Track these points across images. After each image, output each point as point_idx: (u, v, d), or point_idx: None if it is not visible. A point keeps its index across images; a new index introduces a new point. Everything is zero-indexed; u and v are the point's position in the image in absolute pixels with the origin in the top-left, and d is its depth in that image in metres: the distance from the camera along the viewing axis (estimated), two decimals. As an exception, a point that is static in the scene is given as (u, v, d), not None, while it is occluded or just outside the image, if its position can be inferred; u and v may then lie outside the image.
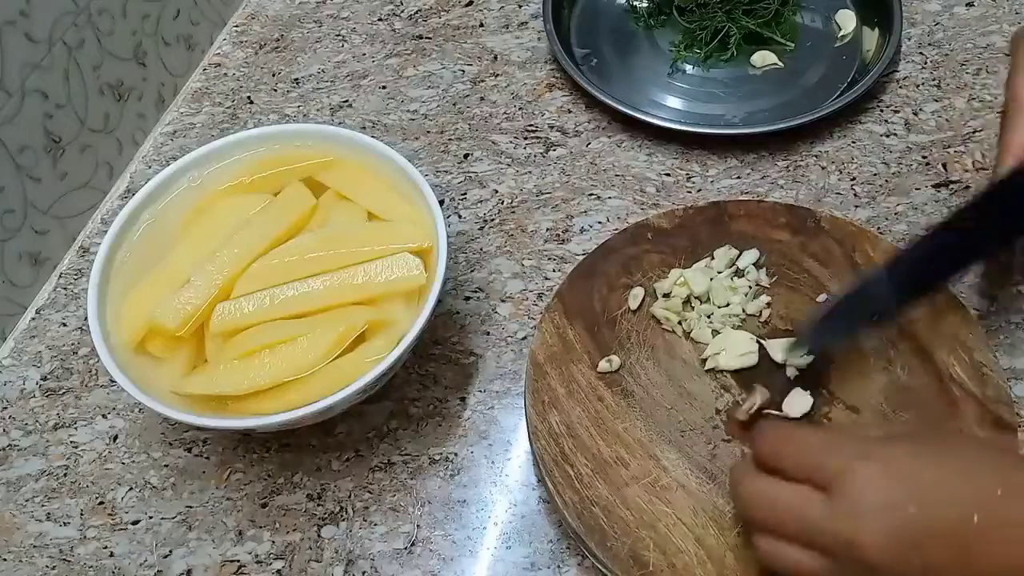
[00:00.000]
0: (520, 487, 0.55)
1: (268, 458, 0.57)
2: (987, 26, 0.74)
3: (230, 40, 0.81)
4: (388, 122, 0.73)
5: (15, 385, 0.62)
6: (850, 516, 0.38)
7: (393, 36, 0.79)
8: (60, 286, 0.66)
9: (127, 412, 0.60)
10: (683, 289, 0.57)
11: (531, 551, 0.53)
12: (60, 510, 0.56)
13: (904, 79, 0.72)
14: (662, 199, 0.66)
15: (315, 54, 0.79)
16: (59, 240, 0.67)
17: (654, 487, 0.51)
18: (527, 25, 0.79)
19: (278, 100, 0.76)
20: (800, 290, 0.58)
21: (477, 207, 0.67)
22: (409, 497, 0.55)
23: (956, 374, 0.53)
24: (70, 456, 0.58)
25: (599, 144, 0.70)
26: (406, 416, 0.58)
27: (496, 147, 0.71)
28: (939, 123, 0.69)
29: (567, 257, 0.64)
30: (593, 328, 0.57)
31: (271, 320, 0.52)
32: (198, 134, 0.74)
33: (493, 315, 0.62)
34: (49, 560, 0.54)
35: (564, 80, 0.74)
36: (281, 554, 0.54)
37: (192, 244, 0.55)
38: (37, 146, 0.63)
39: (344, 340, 0.51)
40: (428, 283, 0.52)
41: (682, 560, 0.48)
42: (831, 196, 0.66)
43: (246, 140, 0.59)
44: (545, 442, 0.52)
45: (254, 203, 0.57)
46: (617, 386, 0.55)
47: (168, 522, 0.55)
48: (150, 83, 0.73)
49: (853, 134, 0.69)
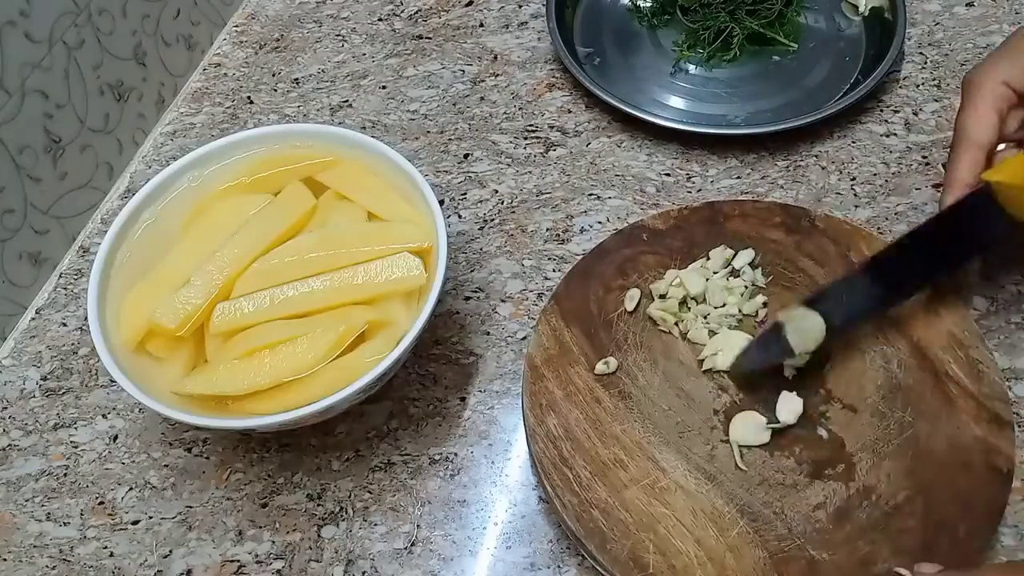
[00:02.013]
0: (520, 487, 0.55)
1: (268, 458, 0.57)
2: (987, 26, 0.74)
3: (230, 40, 0.81)
4: (388, 122, 0.73)
5: (15, 385, 0.62)
6: None
7: (393, 36, 0.79)
8: (60, 286, 0.66)
9: (127, 412, 0.60)
10: (679, 290, 0.57)
11: (531, 551, 0.53)
12: (60, 510, 0.56)
13: (904, 79, 0.71)
14: (662, 199, 0.66)
15: (315, 54, 0.79)
16: (59, 240, 0.67)
17: (653, 489, 0.51)
18: (527, 25, 0.79)
19: (278, 100, 0.76)
20: (796, 289, 0.58)
21: (477, 207, 0.67)
22: (409, 497, 0.55)
23: (952, 371, 0.53)
24: (70, 456, 0.58)
25: (599, 144, 0.70)
26: (406, 416, 0.58)
27: (496, 147, 0.71)
28: (939, 123, 0.69)
29: (567, 257, 0.64)
30: (590, 330, 0.57)
31: (271, 320, 0.52)
32: (198, 134, 0.74)
33: (493, 315, 0.62)
34: (49, 560, 0.55)
35: (564, 80, 0.74)
36: (281, 554, 0.54)
37: (192, 244, 0.55)
38: (37, 146, 0.63)
39: (344, 340, 0.51)
40: (428, 283, 0.52)
41: (682, 561, 0.48)
42: (831, 196, 0.66)
43: (246, 140, 0.59)
44: (543, 445, 0.52)
45: (254, 203, 0.57)
46: (615, 388, 0.55)
47: (168, 522, 0.55)
48: (150, 83, 0.73)
49: (853, 134, 0.69)
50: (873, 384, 0.54)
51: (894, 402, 0.53)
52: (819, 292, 0.55)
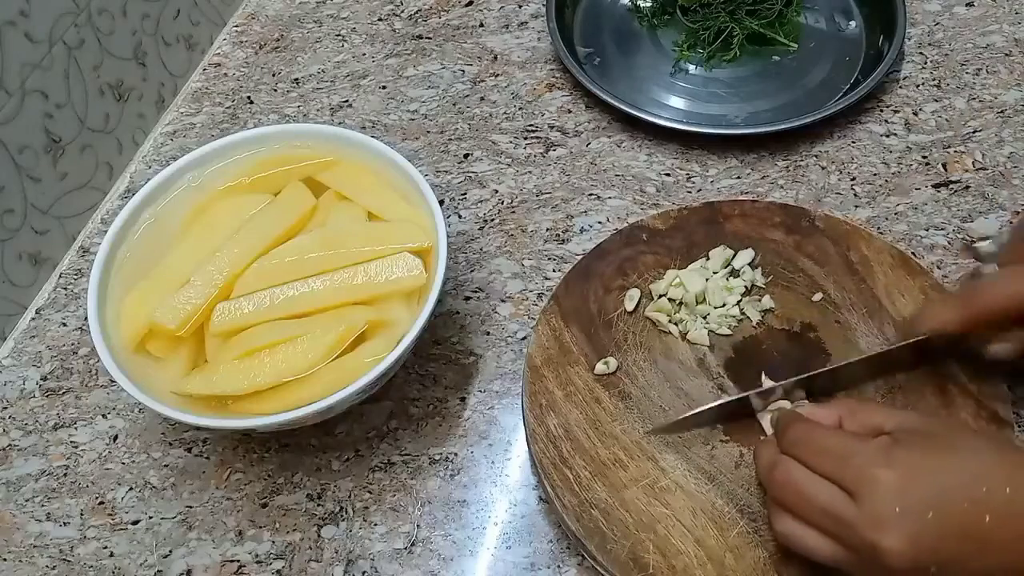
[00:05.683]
0: (520, 487, 0.55)
1: (268, 458, 0.57)
2: (987, 26, 0.74)
3: (230, 40, 0.81)
4: (388, 122, 0.73)
5: (15, 385, 0.62)
6: (875, 524, 0.41)
7: (393, 36, 0.79)
8: (60, 286, 0.66)
9: (127, 412, 0.60)
10: (679, 290, 0.57)
11: (531, 551, 0.53)
12: (60, 510, 0.56)
13: (904, 79, 0.71)
14: (662, 199, 0.66)
15: (315, 54, 0.79)
16: (59, 240, 0.67)
17: (653, 489, 0.51)
18: (527, 25, 0.79)
19: (278, 100, 0.76)
20: (795, 289, 0.58)
21: (477, 207, 0.67)
22: (409, 497, 0.55)
23: (952, 370, 0.53)
24: (70, 456, 0.58)
25: (599, 144, 0.70)
26: (406, 416, 0.58)
27: (496, 147, 0.71)
28: (939, 123, 0.69)
29: (567, 257, 0.64)
30: (590, 330, 0.57)
31: (271, 320, 0.52)
32: (198, 134, 0.74)
33: (493, 315, 0.62)
34: (49, 560, 0.55)
35: (564, 80, 0.74)
36: (281, 554, 0.54)
37: (192, 244, 0.55)
38: (37, 146, 0.63)
39: (344, 340, 0.51)
40: (428, 283, 0.52)
41: (682, 561, 0.48)
42: (831, 196, 0.65)
43: (246, 140, 0.59)
44: (543, 445, 0.52)
45: (254, 203, 0.57)
46: (614, 388, 0.55)
47: (168, 522, 0.55)
48: (150, 83, 0.73)
49: (853, 134, 0.69)
50: (872, 383, 0.54)
51: (893, 401, 0.53)
52: None
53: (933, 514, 0.40)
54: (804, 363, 0.55)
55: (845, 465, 0.42)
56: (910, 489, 0.41)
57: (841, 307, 0.57)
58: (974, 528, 0.40)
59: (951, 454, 0.42)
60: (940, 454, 0.42)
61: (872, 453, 0.42)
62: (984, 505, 0.40)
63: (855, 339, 0.56)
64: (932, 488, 0.41)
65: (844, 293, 0.57)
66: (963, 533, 0.40)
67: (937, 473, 0.41)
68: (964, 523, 0.40)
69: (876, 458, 0.42)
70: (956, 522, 0.40)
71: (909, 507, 0.40)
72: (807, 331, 0.56)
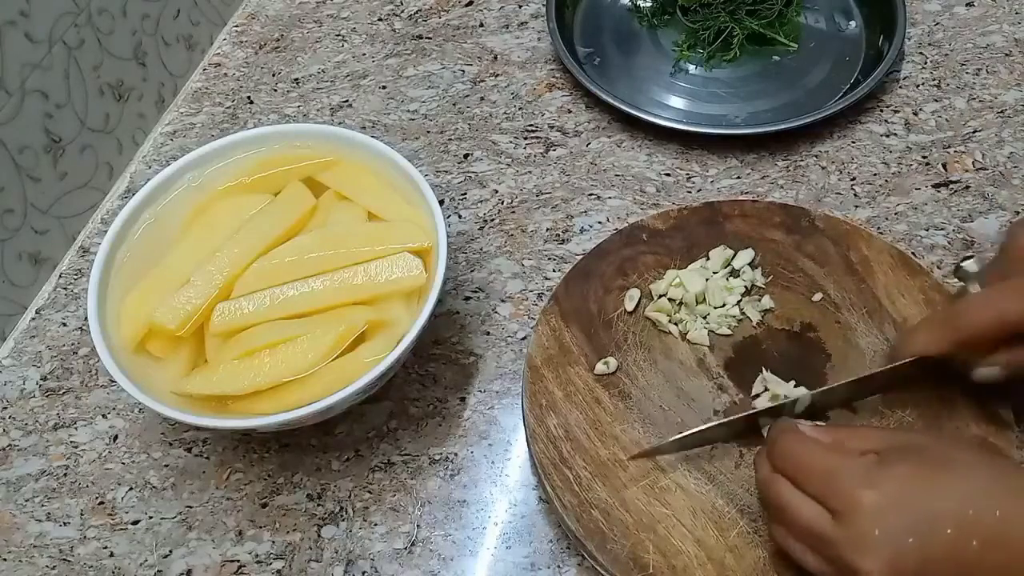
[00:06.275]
0: (520, 487, 0.55)
1: (268, 458, 0.57)
2: (987, 26, 0.74)
3: (230, 40, 0.81)
4: (388, 122, 0.73)
5: (15, 385, 0.62)
6: (855, 546, 0.40)
7: (393, 36, 0.79)
8: (60, 286, 0.66)
9: (127, 412, 0.60)
10: (679, 290, 0.57)
11: (531, 551, 0.53)
12: (60, 510, 0.56)
13: (904, 79, 0.71)
14: (662, 199, 0.66)
15: (315, 54, 0.79)
16: (59, 240, 0.67)
17: (653, 489, 0.51)
18: (527, 25, 0.79)
19: (278, 100, 0.76)
20: (795, 289, 0.58)
21: (477, 207, 0.67)
22: (409, 497, 0.55)
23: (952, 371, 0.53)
24: (70, 456, 0.58)
25: (599, 144, 0.70)
26: (406, 416, 0.58)
27: (496, 147, 0.71)
28: (939, 123, 0.69)
29: (567, 257, 0.64)
30: (590, 330, 0.57)
31: (271, 320, 0.52)
32: (198, 134, 0.74)
33: (493, 315, 0.62)
34: (49, 560, 0.55)
35: (564, 80, 0.74)
36: (281, 554, 0.54)
37: (192, 244, 0.55)
38: (37, 146, 0.63)
39: (344, 340, 0.51)
40: (428, 283, 0.52)
41: (682, 561, 0.48)
42: (831, 196, 0.66)
43: (246, 140, 0.59)
44: (543, 445, 0.52)
45: (254, 203, 0.57)
46: (615, 388, 0.55)
47: (168, 522, 0.55)
48: (150, 83, 0.73)
49: (853, 134, 0.69)
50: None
51: (893, 402, 0.53)
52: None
53: (914, 538, 0.39)
54: (804, 363, 0.55)
55: (829, 485, 0.42)
56: (892, 511, 0.40)
57: (841, 307, 0.57)
58: (960, 553, 0.39)
59: (942, 472, 0.41)
60: (929, 474, 0.41)
61: (856, 473, 0.42)
62: (971, 530, 0.39)
63: (855, 339, 0.56)
64: (915, 511, 0.40)
65: (844, 293, 0.57)
66: (948, 558, 0.39)
67: (922, 494, 0.41)
68: (949, 548, 0.39)
69: (860, 478, 0.41)
70: (940, 547, 0.39)
71: (889, 530, 0.40)
72: (807, 331, 0.56)
